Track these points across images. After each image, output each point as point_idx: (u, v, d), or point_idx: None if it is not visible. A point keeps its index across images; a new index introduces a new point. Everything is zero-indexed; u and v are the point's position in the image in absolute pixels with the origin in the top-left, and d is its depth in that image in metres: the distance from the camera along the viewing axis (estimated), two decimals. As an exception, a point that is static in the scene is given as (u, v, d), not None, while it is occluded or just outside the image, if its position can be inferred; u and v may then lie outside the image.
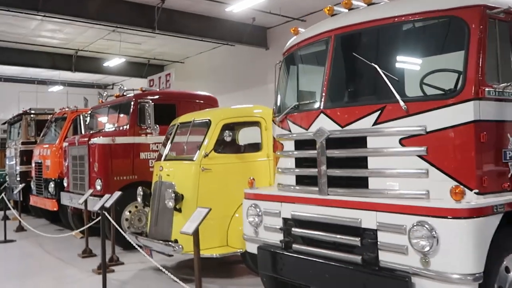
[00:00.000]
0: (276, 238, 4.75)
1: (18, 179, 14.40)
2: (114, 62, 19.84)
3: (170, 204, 6.47)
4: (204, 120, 6.87)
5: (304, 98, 4.98)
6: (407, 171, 3.81)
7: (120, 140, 9.05)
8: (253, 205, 5.01)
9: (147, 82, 12.88)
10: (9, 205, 11.37)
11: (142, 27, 15.07)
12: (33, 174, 12.96)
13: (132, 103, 9.28)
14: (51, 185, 11.58)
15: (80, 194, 9.62)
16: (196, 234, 4.81)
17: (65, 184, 10.61)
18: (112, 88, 29.56)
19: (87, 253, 8.64)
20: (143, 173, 9.23)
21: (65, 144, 10.60)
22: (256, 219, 4.97)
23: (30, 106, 18.63)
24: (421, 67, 4.02)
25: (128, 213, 9.06)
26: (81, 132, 11.74)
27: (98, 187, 8.94)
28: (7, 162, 15.83)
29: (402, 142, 3.82)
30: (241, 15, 15.58)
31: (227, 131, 6.47)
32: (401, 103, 3.78)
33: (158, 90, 9.99)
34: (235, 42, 17.07)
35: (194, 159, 6.58)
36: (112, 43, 19.28)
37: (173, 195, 6.44)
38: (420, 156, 3.74)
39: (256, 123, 7.07)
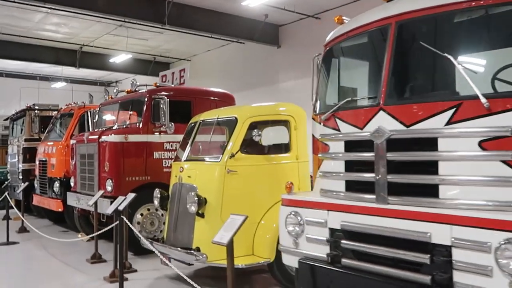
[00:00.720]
0: (320, 251, 4.22)
1: (21, 177, 13.88)
2: (120, 58, 19.30)
3: (193, 208, 5.93)
4: (230, 118, 6.33)
5: (353, 94, 4.45)
6: (489, 179, 3.27)
7: (133, 138, 8.51)
8: (293, 213, 4.47)
9: (159, 78, 12.32)
10: (12, 204, 10.78)
11: (152, 22, 14.52)
12: (36, 172, 12.42)
13: (146, 99, 8.74)
14: (56, 184, 11.04)
15: (88, 195, 9.09)
16: (230, 245, 4.27)
17: (72, 184, 10.06)
18: (116, 86, 28.98)
19: (96, 258, 8.09)
20: (157, 174, 8.71)
21: (72, 141, 10.06)
22: (297, 228, 4.43)
23: (31, 102, 18.12)
24: (505, 58, 3.48)
25: (140, 216, 8.52)
26: (88, 130, 11.20)
27: (109, 188, 8.40)
28: (9, 160, 15.29)
29: (482, 145, 3.29)
30: (253, 11, 15.05)
31: (255, 130, 5.94)
32: (483, 99, 3.24)
33: (172, 86, 9.45)
34: (246, 39, 16.53)
35: (219, 160, 6.04)
36: (119, 38, 18.74)
37: (196, 198, 5.90)
38: (505, 162, 3.20)
39: (284, 122, 6.54)
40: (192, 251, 5.82)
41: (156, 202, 6.81)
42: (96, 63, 21.63)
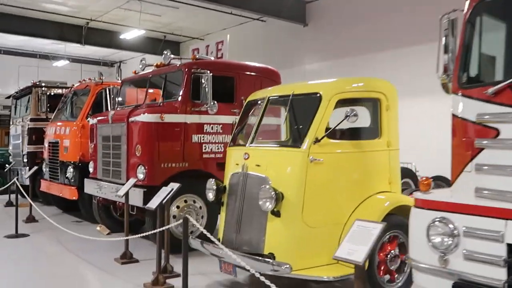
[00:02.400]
0: (490, 273, 3.03)
1: (25, 160, 12.60)
2: (132, 34, 17.89)
3: (268, 205, 4.72)
4: (311, 94, 5.09)
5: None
6: None
7: (169, 118, 7.25)
8: (442, 220, 3.27)
9: (190, 52, 10.97)
10: (22, 191, 9.52)
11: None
12: (45, 155, 11.14)
13: (184, 73, 7.47)
14: (70, 169, 9.78)
15: (112, 183, 7.85)
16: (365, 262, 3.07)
17: (90, 170, 8.79)
18: (120, 66, 27.60)
19: (127, 258, 6.88)
20: (195, 160, 7.50)
21: (92, 121, 8.77)
22: (448, 241, 3.24)
23: (30, 81, 16.74)
24: None
25: (176, 209, 7.30)
26: (107, 109, 9.92)
27: (141, 176, 7.15)
28: (11, 141, 13.98)
29: None
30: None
31: (349, 109, 4.71)
32: None
33: (212, 59, 8.19)
34: (271, 16, 15.23)
35: (302, 146, 4.80)
36: (130, 13, 17.35)
37: (272, 193, 4.69)
38: None
39: (374, 101, 5.32)
40: (269, 259, 4.61)
41: (211, 195, 5.59)
42: (103, 40, 20.22)
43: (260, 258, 4.61)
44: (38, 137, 12.55)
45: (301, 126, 5.25)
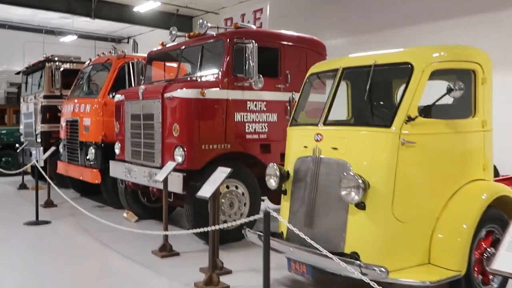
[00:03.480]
0: None
1: (39, 140, 11.85)
2: (146, 6, 16.93)
3: (355, 197, 3.97)
4: (399, 65, 4.30)
5: None
6: None
7: (211, 94, 6.46)
8: None
9: (223, 22, 10.09)
10: (42, 173, 8.78)
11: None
12: (62, 135, 10.39)
13: (226, 43, 6.66)
14: (92, 150, 9.04)
15: (144, 166, 7.11)
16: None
17: (117, 151, 8.05)
18: (128, 42, 26.65)
19: (167, 251, 6.17)
20: (238, 141, 6.77)
21: (118, 98, 7.98)
22: None
23: (36, 57, 15.88)
24: None
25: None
26: (130, 85, 9.13)
27: (179, 159, 6.40)
28: (22, 120, 13.22)
29: None
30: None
31: (453, 83, 3.92)
32: None
33: (254, 27, 7.35)
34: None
35: (392, 126, 4.03)
36: (143, -16, 16.42)
37: (360, 181, 3.93)
38: None
39: (469, 72, 4.52)
40: (356, 260, 3.88)
41: (273, 182, 4.85)
42: (113, 13, 19.23)
43: (348, 259, 3.86)
44: (52, 115, 11.81)
45: (382, 103, 4.46)
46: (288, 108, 7.21)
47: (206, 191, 4.87)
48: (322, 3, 14.91)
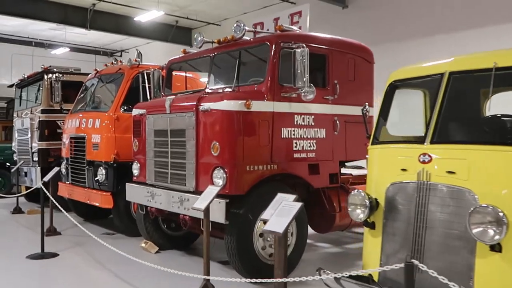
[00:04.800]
0: None
1: (36, 159, 10.76)
2: (149, 16, 16.00)
3: (494, 236, 3.06)
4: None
5: None
6: None
7: (256, 106, 5.53)
8: None
9: (252, 26, 9.16)
10: (48, 195, 7.71)
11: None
12: (64, 153, 9.34)
13: (272, 48, 5.76)
14: (102, 171, 8.03)
15: (169, 190, 6.13)
16: None
17: (135, 172, 7.04)
18: (121, 55, 25.68)
19: (209, 293, 5.15)
20: (285, 161, 5.83)
21: (137, 111, 7.01)
22: None
23: (24, 71, 14.84)
24: None
25: (263, 225, 5.59)
26: (145, 97, 8.16)
27: (219, 182, 5.44)
28: (16, 137, 12.11)
29: None
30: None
31: None
32: None
33: (298, 31, 6.47)
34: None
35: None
36: (144, -7, 15.55)
37: (501, 215, 3.03)
38: None
39: None
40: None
41: (359, 214, 3.91)
42: (109, 24, 18.30)
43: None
44: (51, 131, 10.79)
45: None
46: (337, 122, 6.33)
47: (276, 225, 3.91)
48: (340, 14, 14.19)
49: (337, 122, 6.33)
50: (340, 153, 6.41)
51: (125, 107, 8.24)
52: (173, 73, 7.65)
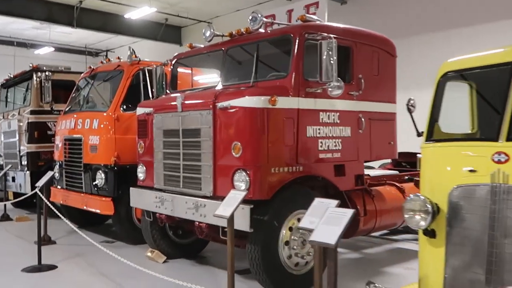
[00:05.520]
0: None
1: (24, 162, 10.12)
2: (140, 12, 15.40)
3: None
4: None
5: None
6: None
7: (281, 102, 5.06)
8: None
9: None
10: (46, 201, 7.10)
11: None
12: (57, 157, 8.74)
13: (295, 40, 5.29)
14: (101, 175, 7.47)
15: (181, 195, 5.62)
16: None
17: (140, 176, 6.51)
18: (106, 55, 24.93)
19: (233, 308, 4.64)
20: (311, 162, 5.36)
21: (142, 110, 6.48)
22: None
23: (5, 72, 14.15)
24: None
25: (288, 232, 5.13)
26: (146, 95, 7.63)
27: (242, 186, 4.96)
28: (2, 139, 11.40)
29: None
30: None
31: None
32: None
33: (321, 21, 5.98)
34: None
35: None
36: (134, -11, 14.95)
37: None
38: None
39: None
40: None
41: (420, 221, 3.46)
42: (97, 22, 17.63)
43: None
44: (41, 133, 10.15)
45: None
46: (362, 120, 5.89)
47: (325, 235, 3.43)
48: (338, 11, 13.76)
49: (362, 119, 5.90)
50: (365, 152, 5.98)
51: (125, 106, 7.70)
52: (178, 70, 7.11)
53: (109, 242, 7.92)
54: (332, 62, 5.04)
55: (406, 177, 7.47)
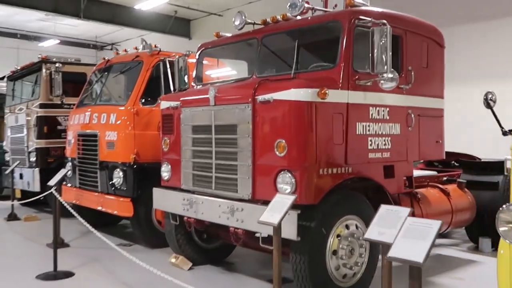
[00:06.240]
0: None
1: (33, 159, 9.62)
2: (151, 3, 14.84)
3: None
4: None
5: None
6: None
7: (330, 96, 4.52)
8: None
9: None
10: (62, 201, 6.58)
11: None
12: (69, 153, 8.23)
13: (345, 26, 4.77)
14: (119, 173, 6.96)
15: (213, 197, 5.10)
16: None
17: (165, 175, 5.99)
18: (111, 49, 24.37)
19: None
20: (360, 163, 4.83)
21: (168, 103, 5.95)
22: None
23: (8, 65, 13.62)
24: None
25: (336, 240, 4.61)
26: (167, 89, 7.11)
27: (287, 189, 4.43)
28: (9, 134, 10.90)
29: None
30: None
31: None
32: None
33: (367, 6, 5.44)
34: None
35: None
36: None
37: None
38: None
39: None
40: None
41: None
42: (104, 14, 17.08)
43: None
44: (51, 128, 9.64)
45: None
46: (412, 116, 5.37)
47: (409, 251, 2.91)
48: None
49: (412, 115, 5.37)
50: (414, 152, 5.46)
51: (144, 100, 7.19)
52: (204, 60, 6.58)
53: (126, 245, 7.40)
54: (386, 51, 4.50)
55: (444, 178, 6.97)
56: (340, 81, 4.66)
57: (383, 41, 4.50)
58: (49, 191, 6.23)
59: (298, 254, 4.48)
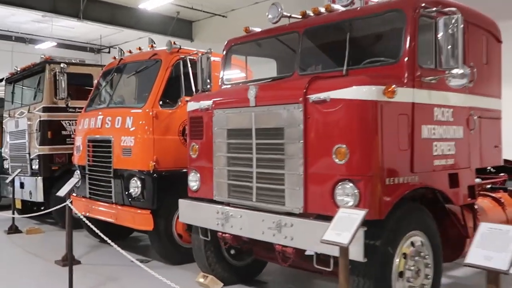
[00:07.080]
0: None
1: (35, 166, 8.95)
2: (155, 3, 14.22)
3: None
4: None
5: None
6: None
7: (398, 95, 3.94)
8: None
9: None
10: (78, 213, 5.95)
11: None
12: (78, 160, 7.57)
13: (410, 15, 4.20)
14: (137, 183, 6.34)
15: (254, 210, 4.48)
16: None
17: (192, 185, 5.36)
18: (109, 52, 23.72)
19: None
20: (426, 171, 4.25)
21: (197, 104, 5.33)
22: None
23: (3, 68, 13.00)
24: None
25: (402, 260, 4.02)
26: (189, 90, 6.51)
27: (349, 202, 3.83)
28: (8, 140, 10.22)
29: None
30: None
31: None
32: None
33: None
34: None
35: None
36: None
37: None
38: None
39: None
40: None
41: None
42: (105, 15, 16.45)
43: None
44: (55, 133, 8.99)
45: None
46: (473, 118, 4.81)
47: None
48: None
49: (474, 117, 4.81)
50: (475, 158, 4.89)
51: (162, 102, 6.58)
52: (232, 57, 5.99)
53: (143, 261, 6.72)
54: (458, 43, 3.95)
55: (488, 186, 6.40)
56: (405, 78, 4.08)
57: (455, 32, 3.93)
58: (64, 204, 5.56)
59: (362, 277, 3.89)
